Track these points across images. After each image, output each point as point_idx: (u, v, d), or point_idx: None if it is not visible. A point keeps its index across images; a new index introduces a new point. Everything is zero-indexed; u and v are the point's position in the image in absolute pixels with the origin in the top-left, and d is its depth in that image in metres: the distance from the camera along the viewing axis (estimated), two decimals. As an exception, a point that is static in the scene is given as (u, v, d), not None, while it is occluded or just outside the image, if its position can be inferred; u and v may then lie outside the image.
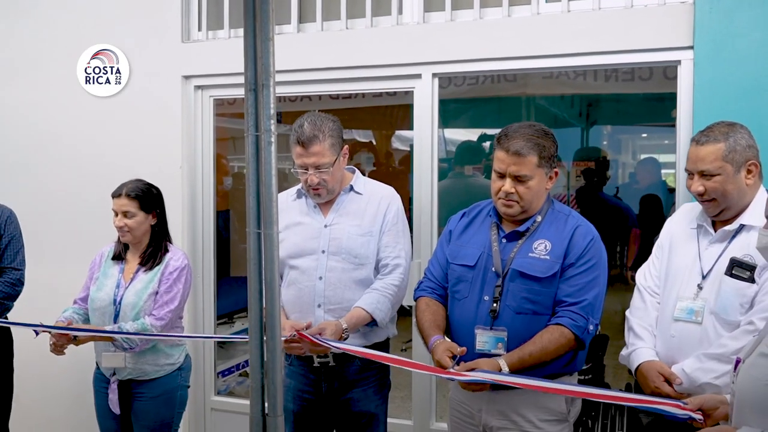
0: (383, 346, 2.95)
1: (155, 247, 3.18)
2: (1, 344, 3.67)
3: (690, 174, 2.51)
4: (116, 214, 3.14)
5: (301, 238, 2.90)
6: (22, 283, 3.64)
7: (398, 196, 2.99)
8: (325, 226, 2.90)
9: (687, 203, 2.79)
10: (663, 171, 7.09)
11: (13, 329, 3.71)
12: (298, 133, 2.78)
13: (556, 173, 2.56)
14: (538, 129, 2.52)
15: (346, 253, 2.85)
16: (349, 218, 2.90)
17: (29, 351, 3.88)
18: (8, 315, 3.69)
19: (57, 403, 4.16)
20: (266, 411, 1.90)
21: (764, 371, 1.70)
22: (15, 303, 3.66)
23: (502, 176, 2.51)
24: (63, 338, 3.06)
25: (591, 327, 2.45)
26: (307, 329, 2.69)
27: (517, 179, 2.48)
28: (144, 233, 3.17)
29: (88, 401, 3.33)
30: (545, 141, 2.49)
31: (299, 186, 2.97)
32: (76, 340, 3.08)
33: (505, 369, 2.37)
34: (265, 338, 1.87)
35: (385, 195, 2.96)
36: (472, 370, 2.36)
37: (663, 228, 2.73)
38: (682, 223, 2.65)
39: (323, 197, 2.89)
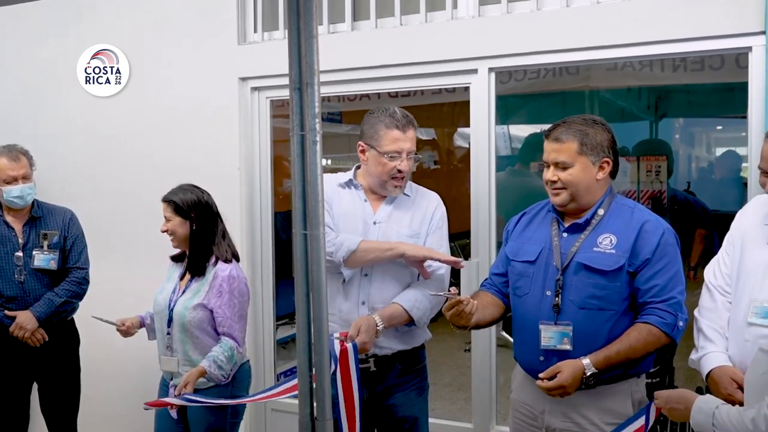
0: (420, 350, 2.95)
1: (195, 256, 3.11)
2: (67, 343, 3.78)
3: (764, 172, 2.34)
4: None
5: (350, 232, 2.86)
6: (88, 282, 3.76)
7: (442, 202, 3.01)
8: (374, 223, 2.89)
9: (759, 195, 2.58)
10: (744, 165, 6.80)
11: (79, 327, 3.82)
12: (394, 117, 2.78)
13: (608, 163, 2.48)
14: (586, 119, 2.51)
15: None
16: (399, 217, 2.89)
17: (96, 351, 4.00)
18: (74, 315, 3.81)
19: (122, 402, 4.25)
20: (315, 415, 1.88)
21: None
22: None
23: (549, 166, 2.52)
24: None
25: (681, 323, 2.40)
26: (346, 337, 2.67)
27: (558, 166, 2.47)
28: (184, 239, 3.12)
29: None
30: (590, 129, 2.46)
31: (348, 177, 2.95)
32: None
33: (591, 369, 2.33)
34: (312, 341, 1.85)
35: (432, 199, 2.98)
36: (554, 376, 2.35)
37: (733, 222, 2.56)
38: (754, 217, 2.47)
39: (403, 189, 2.88)
